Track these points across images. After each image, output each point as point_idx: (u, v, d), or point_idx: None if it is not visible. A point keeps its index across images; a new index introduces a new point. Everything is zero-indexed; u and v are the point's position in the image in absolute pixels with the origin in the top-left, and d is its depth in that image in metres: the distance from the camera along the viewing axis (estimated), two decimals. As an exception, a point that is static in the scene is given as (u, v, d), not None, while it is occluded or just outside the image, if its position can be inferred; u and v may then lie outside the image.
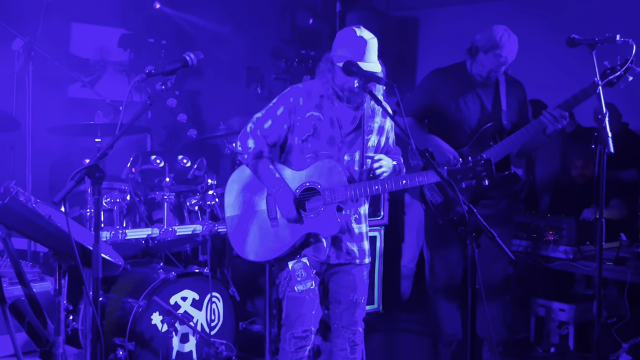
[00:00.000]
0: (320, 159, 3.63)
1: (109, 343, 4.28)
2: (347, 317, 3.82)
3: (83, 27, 6.49)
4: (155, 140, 6.35)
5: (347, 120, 3.67)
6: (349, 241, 3.74)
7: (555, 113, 4.22)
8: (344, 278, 3.78)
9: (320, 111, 3.65)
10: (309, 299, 3.72)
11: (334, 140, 3.66)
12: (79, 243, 2.98)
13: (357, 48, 3.53)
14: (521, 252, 5.39)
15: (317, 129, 3.64)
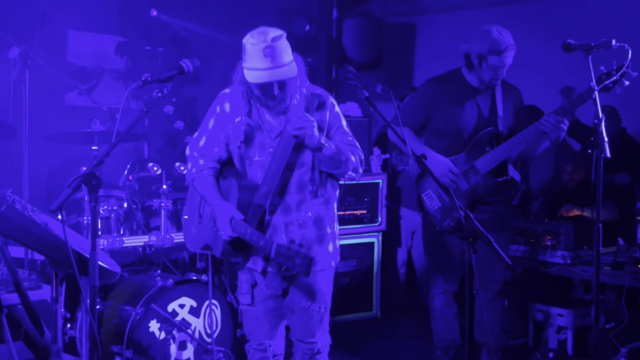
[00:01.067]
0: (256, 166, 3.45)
1: (107, 351, 4.28)
2: (301, 328, 3.60)
3: (80, 35, 6.50)
4: (152, 147, 6.35)
5: (273, 121, 3.45)
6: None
7: (551, 120, 4.22)
8: (301, 283, 3.55)
9: (249, 115, 3.44)
10: (255, 315, 3.57)
11: (264, 146, 3.45)
12: (75, 251, 2.98)
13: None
14: (519, 257, 5.39)
15: (249, 135, 3.44)
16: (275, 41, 3.20)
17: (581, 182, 5.91)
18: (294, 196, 3.45)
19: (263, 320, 3.57)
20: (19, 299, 3.49)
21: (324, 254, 3.57)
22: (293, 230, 3.46)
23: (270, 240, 3.18)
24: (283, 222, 3.46)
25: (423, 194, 4.62)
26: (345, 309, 6.07)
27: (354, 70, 3.49)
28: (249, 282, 3.53)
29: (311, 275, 3.37)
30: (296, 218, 3.46)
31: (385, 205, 6.26)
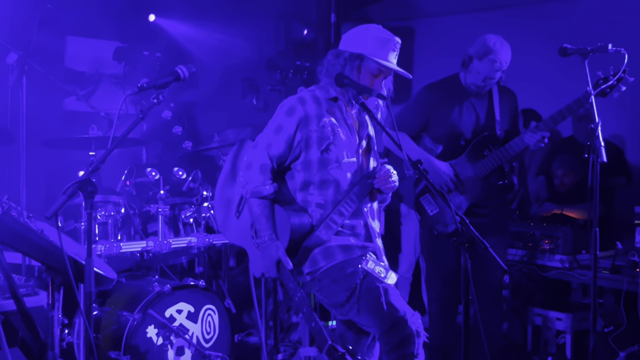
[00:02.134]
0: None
1: (105, 357, 4.27)
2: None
3: (78, 40, 6.50)
4: (150, 152, 6.35)
5: (363, 122, 3.56)
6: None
7: (537, 136, 4.26)
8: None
9: (332, 116, 3.43)
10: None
11: (352, 148, 3.47)
12: (71, 257, 2.98)
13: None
14: (517, 261, 5.39)
15: (337, 136, 3.41)
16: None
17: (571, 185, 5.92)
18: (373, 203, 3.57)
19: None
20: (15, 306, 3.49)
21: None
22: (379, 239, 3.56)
23: (303, 298, 3.20)
24: (372, 227, 3.54)
25: (421, 199, 4.63)
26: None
27: (349, 75, 3.47)
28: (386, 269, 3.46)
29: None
30: (377, 225, 3.56)
31: (384, 209, 6.24)
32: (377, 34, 3.42)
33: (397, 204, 6.60)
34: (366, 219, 3.47)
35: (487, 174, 4.46)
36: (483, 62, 4.34)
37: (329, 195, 3.38)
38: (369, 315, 3.28)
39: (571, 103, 4.18)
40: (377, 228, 3.53)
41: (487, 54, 4.33)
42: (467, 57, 4.45)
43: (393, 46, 3.43)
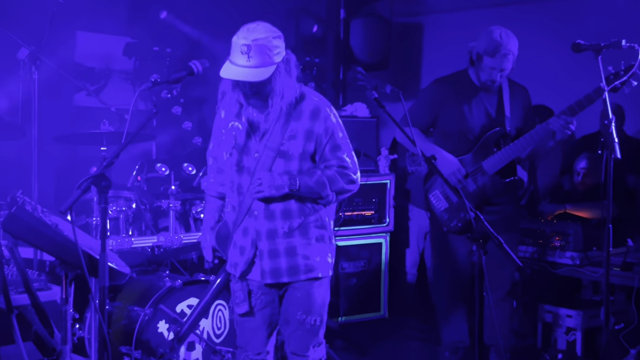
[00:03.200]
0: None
1: (116, 352, 4.28)
2: (295, 341, 3.47)
3: (88, 36, 6.50)
4: (160, 148, 6.35)
5: (260, 122, 3.36)
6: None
7: (561, 121, 4.22)
8: (295, 295, 3.42)
9: (239, 118, 3.39)
10: (252, 326, 3.48)
11: (251, 150, 3.37)
12: (85, 252, 2.98)
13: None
14: (527, 258, 5.37)
15: (237, 139, 3.38)
16: (257, 41, 3.16)
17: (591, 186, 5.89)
18: (279, 204, 3.34)
19: (262, 329, 3.48)
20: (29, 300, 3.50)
21: (322, 262, 3.43)
22: (278, 239, 3.36)
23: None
24: (266, 229, 3.35)
25: (430, 195, 4.62)
26: (353, 310, 6.07)
27: (363, 71, 3.48)
28: (244, 290, 3.45)
29: (308, 284, 3.37)
30: (280, 226, 3.35)
31: (393, 205, 6.25)
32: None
33: (406, 200, 6.61)
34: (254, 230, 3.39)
35: (497, 170, 4.44)
36: (496, 58, 4.32)
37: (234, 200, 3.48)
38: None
39: (582, 98, 4.16)
40: (281, 227, 3.36)
41: (498, 49, 4.30)
42: (475, 55, 4.41)
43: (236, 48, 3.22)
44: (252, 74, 3.16)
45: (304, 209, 3.35)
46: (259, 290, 3.44)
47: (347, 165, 3.38)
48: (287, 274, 3.37)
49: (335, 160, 3.37)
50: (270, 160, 3.30)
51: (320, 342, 3.49)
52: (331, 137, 3.36)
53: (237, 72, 3.17)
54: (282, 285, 3.42)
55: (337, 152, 3.38)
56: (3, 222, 3.04)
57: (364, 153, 6.13)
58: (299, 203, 3.34)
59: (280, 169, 3.30)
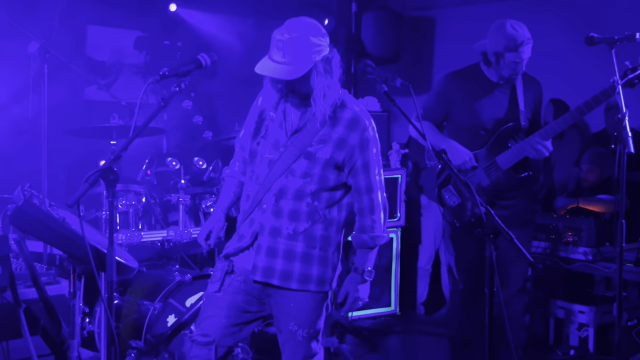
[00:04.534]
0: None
1: (125, 345, 4.27)
2: (288, 351, 3.31)
3: (99, 30, 6.51)
4: (170, 142, 6.35)
5: (294, 120, 3.24)
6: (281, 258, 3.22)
7: (536, 145, 4.22)
8: (287, 304, 3.25)
9: (275, 110, 3.26)
10: (214, 303, 3.26)
11: (278, 143, 3.24)
12: (93, 246, 2.97)
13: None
14: (540, 253, 5.34)
15: (269, 129, 3.27)
16: (294, 37, 3.03)
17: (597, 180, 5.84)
18: (289, 203, 3.20)
19: (223, 313, 3.23)
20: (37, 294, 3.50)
21: (323, 275, 3.25)
22: (281, 239, 3.20)
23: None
24: (271, 225, 3.21)
25: (443, 190, 4.59)
26: (363, 305, 6.03)
27: (372, 64, 3.43)
28: (223, 269, 3.27)
29: (301, 296, 3.21)
30: (286, 226, 3.20)
31: (405, 200, 6.22)
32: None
33: (418, 195, 6.58)
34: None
35: (512, 165, 4.40)
36: (518, 52, 4.25)
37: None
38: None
39: (598, 94, 4.11)
40: (286, 227, 3.21)
41: (517, 41, 4.23)
42: (493, 56, 4.33)
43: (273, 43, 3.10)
44: (285, 71, 3.04)
45: (314, 215, 3.21)
46: (242, 275, 3.26)
47: (376, 193, 3.25)
48: (279, 278, 3.19)
49: (364, 181, 3.24)
50: (293, 158, 3.18)
51: (313, 354, 3.31)
52: (365, 151, 3.22)
53: (270, 68, 3.05)
54: (271, 286, 3.24)
55: (368, 171, 3.24)
56: (10, 215, 3.03)
57: (375, 147, 6.09)
58: (309, 208, 3.20)
59: (302, 169, 3.18)
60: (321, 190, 3.20)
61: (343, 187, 3.27)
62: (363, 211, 3.26)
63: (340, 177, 3.24)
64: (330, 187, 3.22)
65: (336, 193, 3.25)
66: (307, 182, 3.18)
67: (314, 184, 3.18)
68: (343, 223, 3.30)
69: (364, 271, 3.30)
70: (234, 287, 3.25)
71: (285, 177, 3.19)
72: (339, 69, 3.19)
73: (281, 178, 3.19)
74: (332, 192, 3.23)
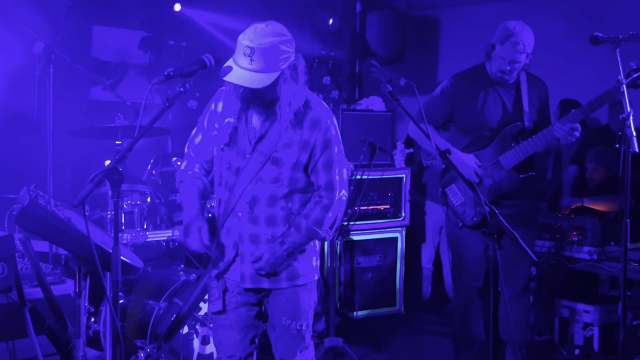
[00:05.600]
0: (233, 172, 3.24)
1: (130, 345, 4.28)
2: (281, 346, 3.35)
3: (104, 30, 6.52)
4: (175, 142, 6.36)
5: (257, 127, 3.21)
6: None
7: (566, 127, 4.18)
8: (279, 299, 3.28)
9: (237, 116, 3.22)
10: (224, 324, 3.32)
11: (243, 151, 3.21)
12: (98, 246, 2.98)
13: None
14: (544, 253, 5.33)
15: (232, 137, 3.22)
16: (262, 45, 2.98)
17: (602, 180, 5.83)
18: (264, 209, 3.20)
19: (235, 330, 3.31)
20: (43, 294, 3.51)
21: (307, 267, 3.29)
22: (261, 245, 3.20)
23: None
24: (249, 233, 3.21)
25: (447, 189, 4.59)
26: (368, 304, 6.06)
27: (377, 63, 3.44)
28: (220, 288, 3.30)
29: (292, 290, 3.24)
30: (264, 232, 3.20)
31: (409, 200, 6.22)
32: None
33: (422, 195, 6.58)
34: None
35: (514, 165, 4.40)
36: (505, 46, 4.28)
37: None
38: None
39: (602, 94, 4.11)
40: (264, 233, 3.21)
41: (509, 37, 4.27)
42: (489, 47, 4.40)
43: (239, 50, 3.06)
44: (253, 79, 2.99)
45: (290, 217, 3.21)
46: (235, 289, 3.29)
47: (334, 188, 3.22)
48: (267, 280, 3.23)
49: (325, 179, 3.21)
50: (259, 165, 3.16)
51: (306, 346, 3.36)
52: (326, 150, 3.20)
53: (238, 75, 3.01)
54: (263, 290, 3.28)
55: (330, 170, 3.22)
56: (16, 216, 3.04)
57: (379, 147, 6.10)
58: (284, 211, 3.20)
59: (270, 175, 3.17)
60: (293, 193, 3.21)
61: (313, 185, 3.27)
62: (317, 204, 3.24)
63: (308, 178, 3.25)
64: (301, 188, 3.23)
65: (307, 192, 3.26)
66: (278, 186, 3.18)
67: (285, 187, 3.19)
68: None
69: (284, 242, 3.19)
70: (233, 303, 3.31)
71: (255, 183, 3.18)
72: (305, 75, 3.17)
73: (251, 185, 3.18)
74: (304, 191, 3.25)
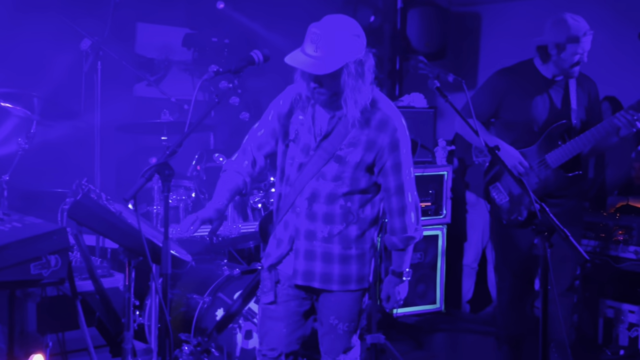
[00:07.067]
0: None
1: (175, 338, 4.33)
2: (327, 343, 3.33)
3: (148, 27, 6.59)
4: (218, 138, 6.40)
5: (323, 124, 3.19)
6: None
7: (628, 116, 4.11)
8: (329, 299, 3.28)
9: (304, 113, 3.22)
10: (273, 316, 3.32)
11: (307, 147, 3.21)
12: (148, 239, 3.02)
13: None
14: (589, 252, 5.27)
15: (299, 133, 3.23)
16: (330, 32, 2.97)
17: None
18: (323, 206, 3.19)
19: (282, 323, 3.32)
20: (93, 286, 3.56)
21: (361, 274, 3.27)
22: (316, 242, 3.22)
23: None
24: (305, 229, 3.22)
25: (491, 187, 4.56)
26: (409, 302, 6.04)
27: (424, 59, 3.43)
28: (272, 279, 3.31)
29: (342, 293, 3.24)
30: (320, 229, 3.20)
31: (451, 197, 6.19)
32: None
33: (463, 192, 6.54)
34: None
35: (562, 164, 4.35)
36: (581, 42, 4.20)
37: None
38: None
39: None
40: (320, 230, 3.21)
41: (579, 33, 4.19)
42: (554, 48, 4.28)
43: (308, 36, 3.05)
44: (315, 65, 2.97)
45: (348, 217, 3.19)
46: (287, 282, 3.29)
47: (406, 193, 3.21)
48: (319, 280, 3.22)
49: (394, 181, 3.20)
50: (322, 162, 3.16)
51: (352, 346, 3.34)
52: (395, 152, 3.16)
53: (301, 60, 2.99)
54: (313, 289, 3.27)
55: (399, 172, 3.20)
56: (69, 209, 3.10)
57: (421, 144, 6.08)
58: (342, 210, 3.19)
59: (332, 173, 3.16)
60: (353, 192, 3.20)
61: (375, 186, 3.25)
62: (392, 212, 3.25)
63: (372, 178, 3.23)
64: (362, 189, 3.22)
65: (368, 192, 3.24)
66: (339, 185, 3.17)
67: (346, 186, 3.18)
68: (376, 219, 3.30)
69: (402, 272, 3.33)
70: (284, 295, 3.31)
71: (316, 180, 3.18)
72: (372, 73, 3.11)
73: (312, 181, 3.18)
74: (365, 192, 3.23)
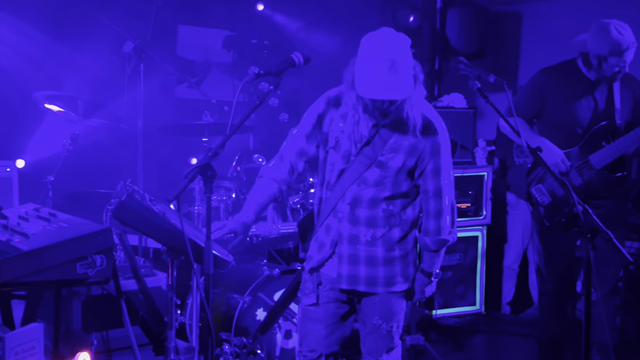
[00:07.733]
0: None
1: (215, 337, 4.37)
2: (370, 343, 3.35)
3: (189, 29, 6.66)
4: (257, 139, 6.45)
5: (365, 130, 3.17)
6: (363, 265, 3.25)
7: None
8: (373, 299, 3.29)
9: (344, 120, 3.21)
10: (313, 317, 3.34)
11: (348, 154, 3.21)
12: (191, 240, 3.06)
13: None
14: (633, 254, 5.20)
15: (339, 141, 3.22)
16: (401, 54, 2.96)
17: None
18: (365, 211, 3.20)
19: (322, 325, 3.33)
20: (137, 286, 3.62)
21: (405, 274, 3.29)
22: (360, 246, 3.22)
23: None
24: (348, 233, 3.23)
25: (533, 189, 4.52)
26: (448, 303, 6.02)
27: (465, 60, 3.42)
28: (314, 281, 3.33)
29: (387, 294, 3.25)
30: (364, 233, 3.21)
31: (491, 198, 6.15)
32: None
33: (504, 193, 6.49)
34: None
35: (606, 164, 4.30)
36: (623, 56, 4.17)
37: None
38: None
39: None
40: (364, 234, 3.23)
41: (622, 47, 4.13)
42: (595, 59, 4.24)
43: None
44: (396, 91, 2.97)
45: (390, 220, 3.21)
46: (328, 284, 3.31)
47: (443, 198, 3.23)
48: (364, 284, 3.24)
49: (433, 185, 3.22)
50: (363, 167, 3.17)
51: (394, 346, 3.36)
52: (436, 156, 3.17)
53: (382, 89, 2.97)
54: (358, 292, 3.28)
55: (438, 176, 3.21)
56: (114, 209, 3.15)
57: (460, 145, 6.05)
58: (385, 213, 3.20)
59: (374, 178, 3.17)
60: (395, 196, 3.21)
61: (415, 188, 3.26)
62: (429, 214, 3.26)
63: (413, 182, 3.24)
64: (404, 192, 3.22)
65: (409, 195, 3.25)
66: (380, 189, 3.18)
67: (388, 190, 3.19)
68: (417, 219, 3.32)
69: (431, 273, 3.33)
70: (324, 297, 3.34)
71: (358, 185, 3.19)
72: (422, 74, 3.12)
73: (353, 186, 3.20)
74: (406, 195, 3.24)
